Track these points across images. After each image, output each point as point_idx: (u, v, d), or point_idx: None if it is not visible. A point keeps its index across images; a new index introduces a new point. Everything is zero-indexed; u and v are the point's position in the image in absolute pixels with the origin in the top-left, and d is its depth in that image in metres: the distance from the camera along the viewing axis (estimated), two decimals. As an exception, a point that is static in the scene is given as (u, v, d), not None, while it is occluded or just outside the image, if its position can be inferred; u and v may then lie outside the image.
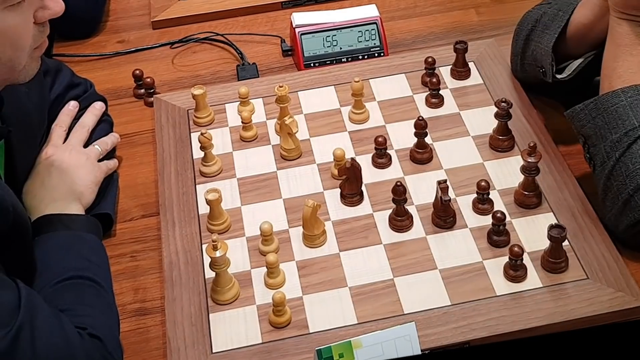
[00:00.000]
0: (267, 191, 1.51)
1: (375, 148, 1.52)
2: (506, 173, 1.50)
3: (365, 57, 1.77)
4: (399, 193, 1.39)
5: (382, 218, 1.44)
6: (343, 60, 1.76)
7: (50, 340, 1.13)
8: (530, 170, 1.41)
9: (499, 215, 1.37)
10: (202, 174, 1.54)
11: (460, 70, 1.68)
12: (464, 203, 1.45)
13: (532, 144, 1.40)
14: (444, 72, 1.70)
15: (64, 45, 1.89)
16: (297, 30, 1.76)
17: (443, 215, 1.42)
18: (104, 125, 1.57)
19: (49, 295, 1.23)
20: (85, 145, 1.51)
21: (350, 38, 1.77)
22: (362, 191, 1.48)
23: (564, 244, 1.33)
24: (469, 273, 1.36)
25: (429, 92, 1.64)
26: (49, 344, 1.13)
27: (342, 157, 1.48)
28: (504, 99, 1.50)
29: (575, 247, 1.37)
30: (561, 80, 1.53)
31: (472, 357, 1.12)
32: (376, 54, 1.77)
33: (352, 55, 1.77)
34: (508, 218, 1.41)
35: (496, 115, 1.52)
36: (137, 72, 1.74)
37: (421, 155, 1.53)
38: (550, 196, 1.45)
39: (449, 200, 1.39)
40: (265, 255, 1.36)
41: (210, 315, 1.33)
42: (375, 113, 1.63)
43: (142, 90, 1.74)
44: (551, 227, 1.32)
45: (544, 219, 1.41)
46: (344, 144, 1.57)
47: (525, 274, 1.34)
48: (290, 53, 1.82)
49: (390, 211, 1.43)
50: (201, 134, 1.51)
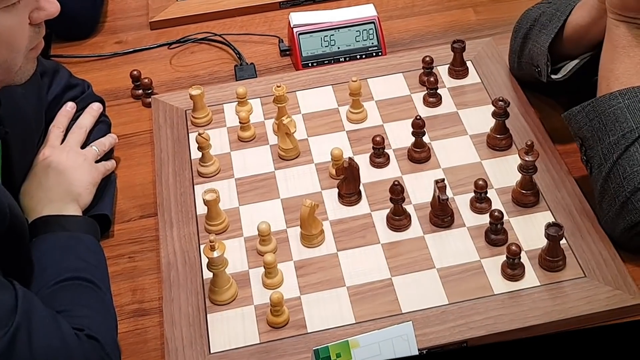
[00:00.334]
0: (265, 191, 1.51)
1: (373, 147, 1.52)
2: (504, 172, 1.49)
3: (363, 56, 1.77)
4: (397, 192, 1.39)
5: (379, 217, 1.44)
6: (341, 59, 1.76)
7: (47, 341, 1.13)
8: (527, 169, 1.41)
9: (496, 214, 1.37)
10: (200, 175, 1.54)
11: (458, 69, 1.68)
12: (461, 202, 1.45)
13: (529, 143, 1.40)
14: (442, 71, 1.69)
15: (61, 46, 1.89)
16: (294, 30, 1.76)
17: (441, 214, 1.42)
18: (101, 126, 1.57)
19: (46, 296, 1.23)
20: (83, 147, 1.51)
21: (348, 38, 1.76)
22: (360, 191, 1.48)
23: (561, 242, 1.33)
24: (467, 272, 1.36)
25: (426, 92, 1.64)
26: (46, 346, 1.13)
27: (340, 157, 1.48)
28: (501, 98, 1.50)
29: (572, 245, 1.37)
30: (556, 80, 1.52)
31: (470, 358, 1.12)
32: (374, 54, 1.77)
33: (350, 55, 1.77)
34: (506, 217, 1.41)
35: (494, 114, 1.52)
36: (135, 72, 1.74)
37: (419, 155, 1.53)
38: (547, 195, 1.45)
39: (447, 199, 1.39)
40: (263, 256, 1.36)
41: (208, 315, 1.33)
42: (373, 112, 1.63)
43: (140, 91, 1.74)
44: (548, 226, 1.32)
45: (542, 218, 1.41)
46: (342, 144, 1.57)
47: (522, 272, 1.34)
48: (288, 53, 1.82)
49: (388, 210, 1.43)
50: (199, 135, 1.51)
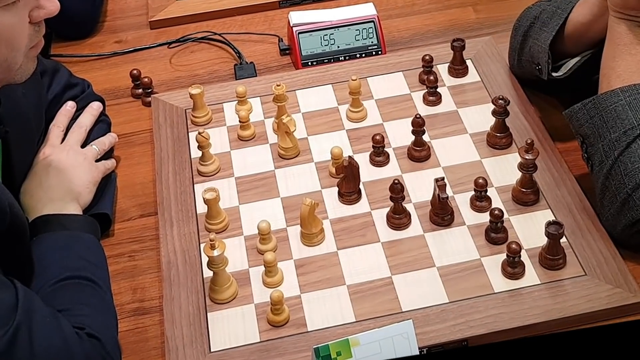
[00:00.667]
0: (265, 190, 1.51)
1: (373, 146, 1.52)
2: (504, 170, 1.49)
3: (363, 55, 1.77)
4: (397, 191, 1.39)
5: (380, 216, 1.44)
6: (341, 58, 1.76)
7: (48, 340, 1.13)
8: (527, 167, 1.41)
9: (496, 212, 1.37)
10: (200, 173, 1.54)
11: (458, 67, 1.68)
12: (461, 200, 1.45)
13: (529, 141, 1.40)
14: (442, 69, 1.69)
15: (61, 45, 1.89)
16: (294, 29, 1.76)
17: (441, 213, 1.42)
18: (101, 125, 1.57)
19: (46, 295, 1.23)
20: (83, 146, 1.51)
21: (348, 36, 1.76)
22: (359, 189, 1.48)
23: (561, 240, 1.33)
24: (467, 270, 1.36)
25: (426, 90, 1.64)
26: (47, 344, 1.13)
27: (339, 156, 1.48)
28: (501, 96, 1.50)
29: (572, 243, 1.37)
30: (557, 78, 1.52)
31: (470, 357, 1.12)
32: (374, 52, 1.77)
33: (350, 54, 1.76)
34: (506, 215, 1.41)
35: (494, 113, 1.52)
36: (135, 72, 1.74)
37: (419, 153, 1.53)
38: (547, 193, 1.45)
39: (447, 197, 1.39)
40: (263, 254, 1.36)
41: (208, 314, 1.33)
42: (373, 111, 1.63)
43: (140, 90, 1.74)
44: (549, 224, 1.32)
45: (542, 216, 1.41)
46: (342, 142, 1.57)
47: (523, 271, 1.34)
48: (287, 52, 1.82)
49: (388, 209, 1.43)
50: (199, 134, 1.51)
